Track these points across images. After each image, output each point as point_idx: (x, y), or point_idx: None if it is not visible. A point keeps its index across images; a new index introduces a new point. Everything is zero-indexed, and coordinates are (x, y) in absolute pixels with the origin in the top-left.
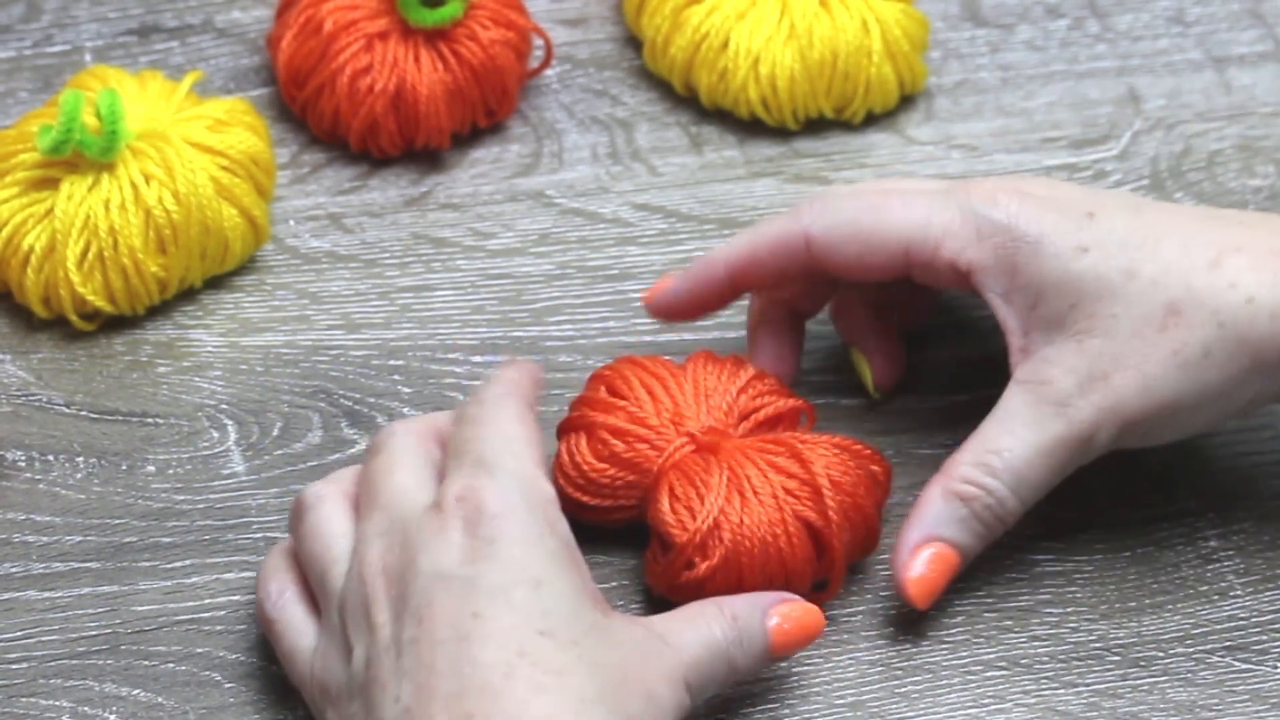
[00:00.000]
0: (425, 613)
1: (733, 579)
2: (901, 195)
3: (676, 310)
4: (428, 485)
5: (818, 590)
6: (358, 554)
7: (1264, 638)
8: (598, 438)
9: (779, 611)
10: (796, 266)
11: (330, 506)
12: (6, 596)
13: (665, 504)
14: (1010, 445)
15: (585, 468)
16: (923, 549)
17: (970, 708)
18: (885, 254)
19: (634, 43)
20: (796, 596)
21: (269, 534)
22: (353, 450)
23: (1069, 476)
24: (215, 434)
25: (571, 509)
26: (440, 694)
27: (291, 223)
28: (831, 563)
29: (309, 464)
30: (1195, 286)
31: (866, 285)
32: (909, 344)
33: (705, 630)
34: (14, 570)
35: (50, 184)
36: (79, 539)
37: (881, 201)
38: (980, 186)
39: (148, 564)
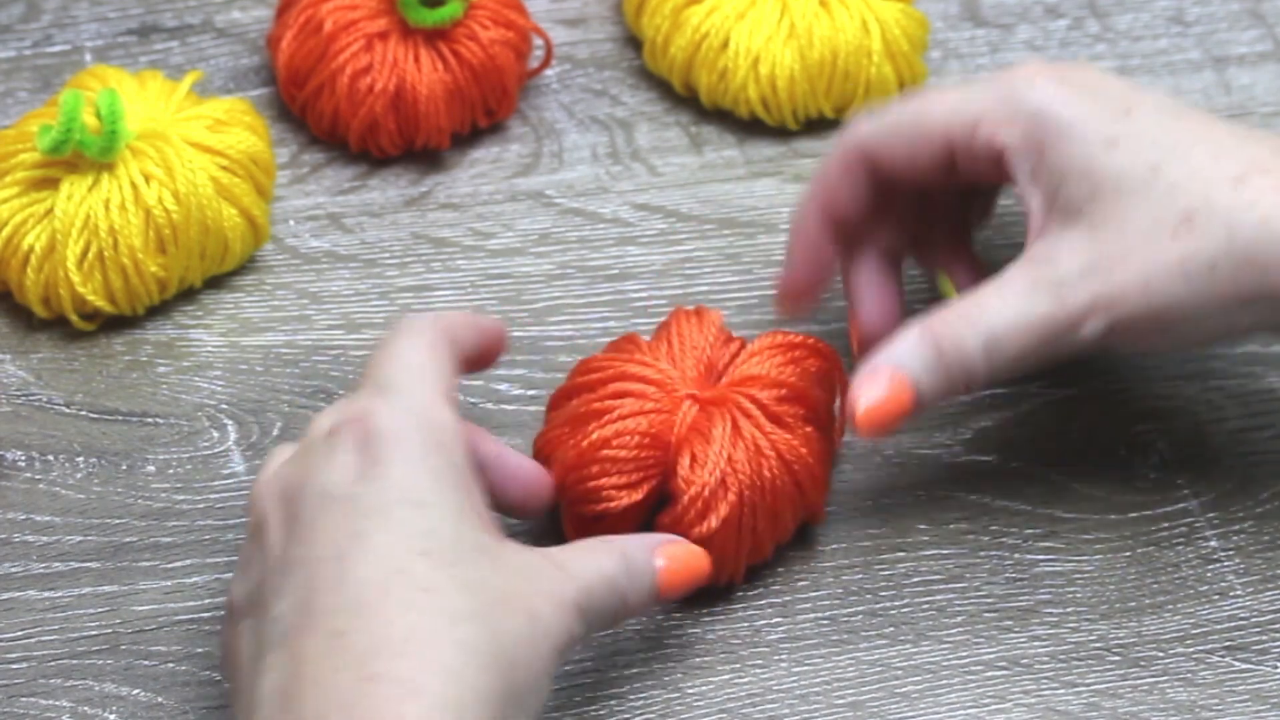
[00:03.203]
0: (309, 531)
1: (744, 529)
2: (939, 90)
3: (802, 287)
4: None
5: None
6: (258, 478)
7: (1264, 638)
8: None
9: (664, 552)
10: (865, 184)
11: (277, 451)
12: (6, 596)
13: (686, 465)
14: (997, 307)
15: (610, 450)
16: (883, 371)
17: (970, 708)
18: (929, 147)
19: (634, 43)
20: (681, 539)
21: None
22: None
23: (1068, 477)
24: (215, 434)
25: (589, 512)
26: (316, 610)
27: (291, 223)
28: (818, 492)
29: None
30: (1214, 198)
31: (929, 204)
32: None
33: (598, 561)
34: (14, 570)
35: (50, 184)
36: (79, 539)
37: (923, 97)
38: (1022, 70)
39: (148, 564)
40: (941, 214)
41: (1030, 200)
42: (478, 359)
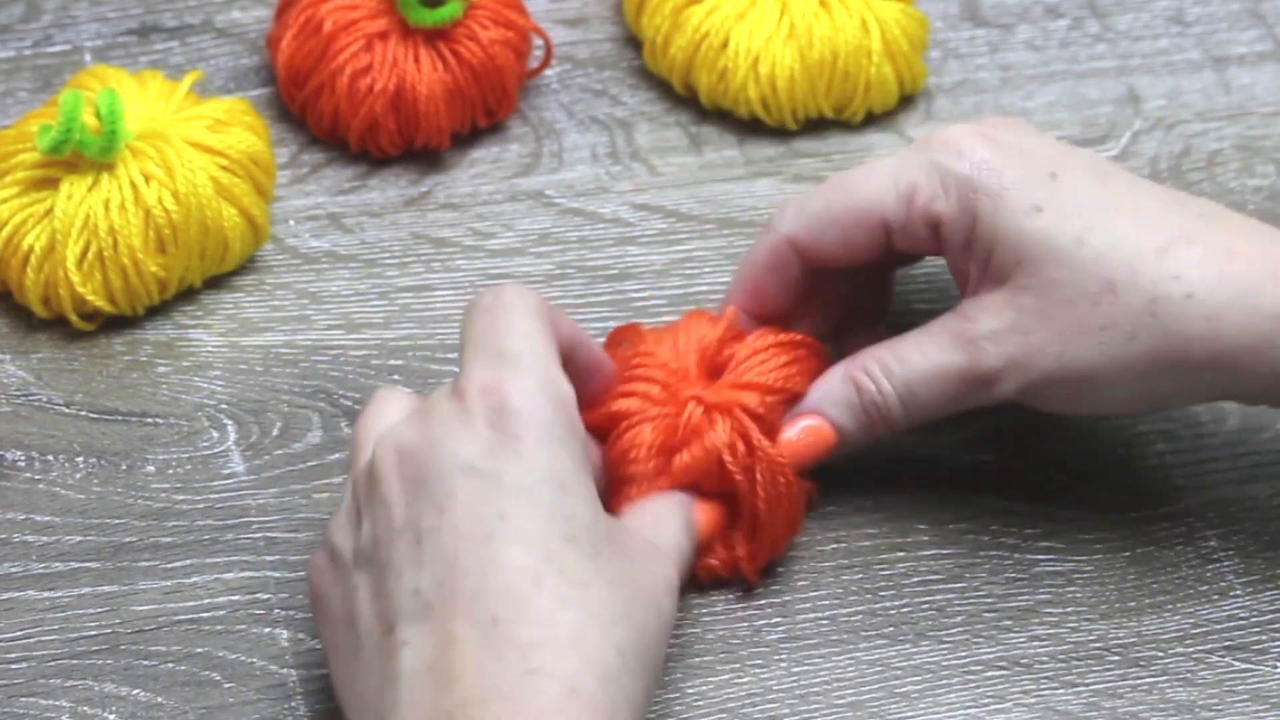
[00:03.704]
0: (447, 503)
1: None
2: (865, 167)
3: None
4: None
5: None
6: (366, 424)
7: (1263, 638)
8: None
9: (698, 510)
10: (794, 274)
11: (386, 397)
12: (6, 596)
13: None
14: (913, 359)
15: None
16: (804, 418)
17: (970, 708)
18: (864, 228)
19: (634, 43)
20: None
21: (269, 534)
22: None
23: (1068, 477)
24: (215, 434)
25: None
26: (463, 592)
27: (291, 223)
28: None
29: (309, 464)
30: (1139, 269)
31: (844, 283)
32: None
33: (674, 535)
34: (14, 570)
35: (50, 184)
36: (79, 539)
37: (846, 180)
38: (944, 135)
39: (148, 564)
40: (862, 298)
41: (966, 267)
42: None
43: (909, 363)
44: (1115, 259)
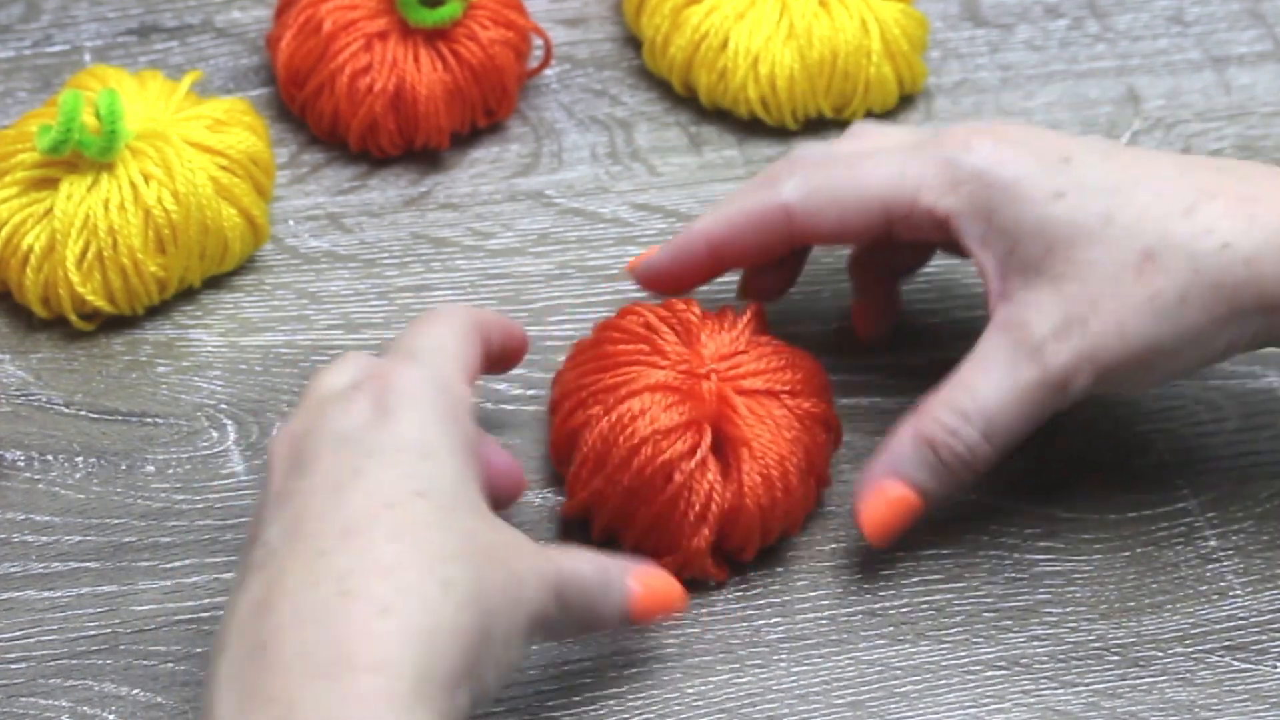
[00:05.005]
0: (311, 467)
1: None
2: (874, 155)
3: (660, 282)
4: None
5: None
6: (274, 435)
7: (1263, 638)
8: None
9: (640, 577)
10: (777, 238)
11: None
12: (6, 596)
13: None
14: (984, 388)
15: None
16: (885, 488)
17: (970, 708)
18: (865, 215)
19: (633, 43)
20: (659, 570)
21: None
22: None
23: (1068, 477)
24: (215, 434)
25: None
26: (303, 534)
27: (291, 223)
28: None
29: None
30: (1171, 232)
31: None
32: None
33: (576, 563)
34: (13, 570)
35: (50, 184)
36: (78, 539)
37: (856, 164)
38: (954, 134)
39: (147, 564)
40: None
41: (985, 263)
42: (500, 359)
43: (981, 395)
44: (1146, 228)
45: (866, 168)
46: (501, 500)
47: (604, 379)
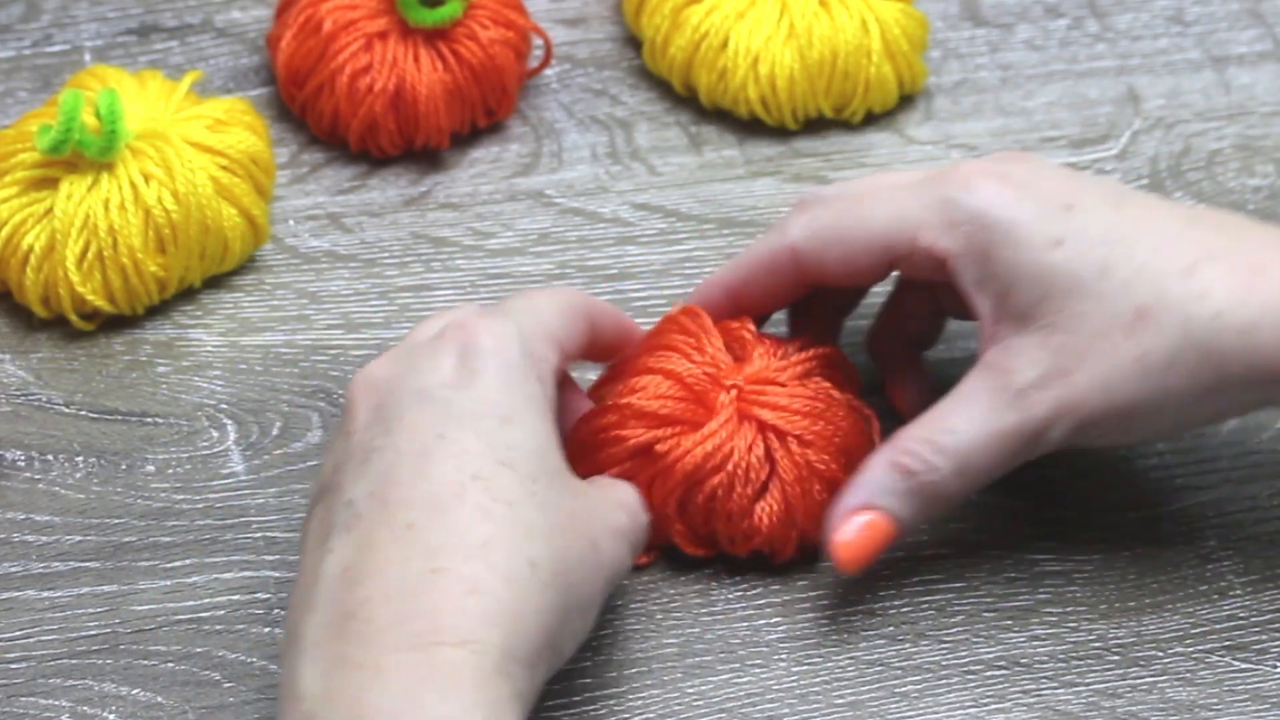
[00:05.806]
0: (395, 424)
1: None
2: (877, 192)
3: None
4: None
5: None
6: (356, 375)
7: (1263, 637)
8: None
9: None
10: (788, 279)
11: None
12: (6, 596)
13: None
14: (961, 427)
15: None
16: (858, 515)
17: (970, 707)
18: (868, 254)
19: (633, 42)
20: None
21: (269, 533)
22: None
23: (1068, 477)
24: (215, 434)
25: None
26: (391, 501)
27: (291, 222)
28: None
29: (309, 463)
30: (1166, 292)
31: (902, 314)
32: None
33: (627, 493)
34: (13, 570)
35: (50, 184)
36: (78, 538)
37: (858, 202)
38: (957, 172)
39: (147, 564)
40: (904, 328)
41: (979, 306)
42: (609, 349)
43: (959, 434)
44: (1141, 285)
45: (869, 205)
46: None
47: (643, 359)
